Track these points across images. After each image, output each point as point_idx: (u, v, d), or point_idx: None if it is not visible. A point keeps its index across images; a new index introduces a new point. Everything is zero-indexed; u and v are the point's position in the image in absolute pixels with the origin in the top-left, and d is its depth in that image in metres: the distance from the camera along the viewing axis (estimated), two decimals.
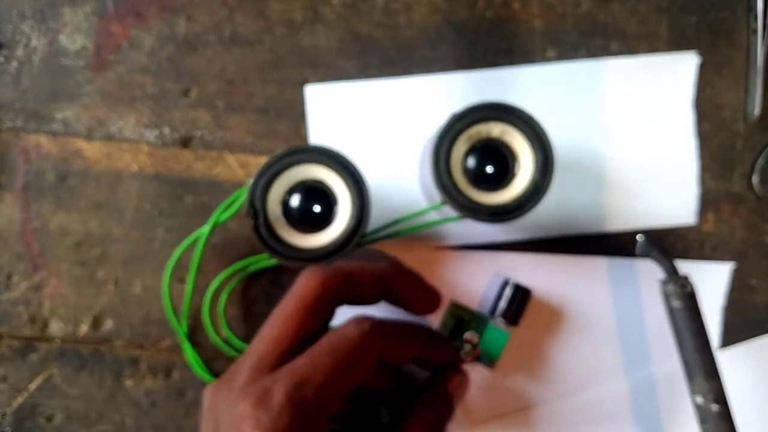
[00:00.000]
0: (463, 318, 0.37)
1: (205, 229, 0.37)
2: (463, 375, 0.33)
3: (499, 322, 0.37)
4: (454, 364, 0.34)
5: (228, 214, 0.37)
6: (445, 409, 0.32)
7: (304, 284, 0.29)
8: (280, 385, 0.26)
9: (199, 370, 0.39)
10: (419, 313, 0.33)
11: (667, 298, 0.36)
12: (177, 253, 0.38)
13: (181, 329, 0.38)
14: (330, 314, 0.30)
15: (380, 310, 0.32)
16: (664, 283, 0.36)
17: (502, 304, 0.37)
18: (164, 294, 0.38)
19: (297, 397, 0.26)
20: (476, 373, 0.38)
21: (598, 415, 0.39)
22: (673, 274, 0.36)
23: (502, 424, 0.38)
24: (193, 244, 0.38)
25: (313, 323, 0.29)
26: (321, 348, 0.28)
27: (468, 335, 0.37)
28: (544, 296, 0.39)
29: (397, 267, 0.32)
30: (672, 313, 0.36)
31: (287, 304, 0.29)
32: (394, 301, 0.32)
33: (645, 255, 0.36)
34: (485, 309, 0.38)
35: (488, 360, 0.37)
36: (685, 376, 0.36)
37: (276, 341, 0.28)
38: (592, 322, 0.39)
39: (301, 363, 0.27)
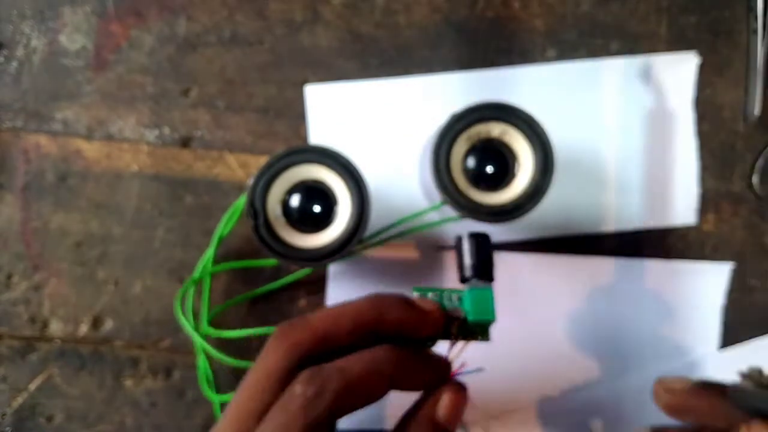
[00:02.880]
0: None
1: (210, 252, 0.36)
2: (458, 392, 0.28)
3: (474, 284, 0.30)
4: (444, 379, 0.28)
5: (229, 227, 0.36)
6: None
7: (267, 355, 0.26)
8: None
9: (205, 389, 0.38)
10: (423, 334, 0.28)
11: None
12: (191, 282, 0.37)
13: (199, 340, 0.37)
14: None
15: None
16: None
17: (468, 260, 0.30)
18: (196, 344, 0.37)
19: None
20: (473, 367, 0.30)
21: (594, 415, 0.39)
22: None
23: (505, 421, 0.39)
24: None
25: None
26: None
27: (450, 310, 0.29)
28: (544, 296, 0.39)
29: (376, 297, 0.28)
30: None
31: (251, 378, 0.26)
32: (387, 337, 0.27)
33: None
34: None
35: (482, 329, 0.30)
36: None
37: (239, 423, 0.26)
38: (591, 321, 0.39)
39: None
